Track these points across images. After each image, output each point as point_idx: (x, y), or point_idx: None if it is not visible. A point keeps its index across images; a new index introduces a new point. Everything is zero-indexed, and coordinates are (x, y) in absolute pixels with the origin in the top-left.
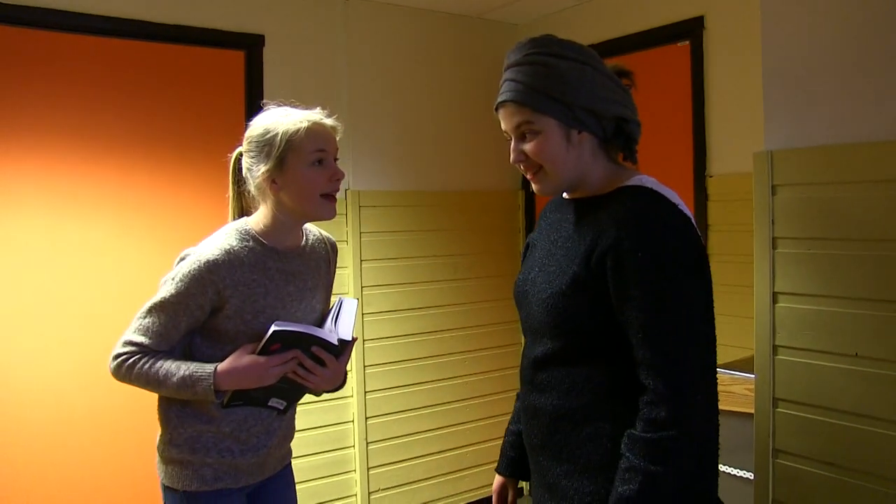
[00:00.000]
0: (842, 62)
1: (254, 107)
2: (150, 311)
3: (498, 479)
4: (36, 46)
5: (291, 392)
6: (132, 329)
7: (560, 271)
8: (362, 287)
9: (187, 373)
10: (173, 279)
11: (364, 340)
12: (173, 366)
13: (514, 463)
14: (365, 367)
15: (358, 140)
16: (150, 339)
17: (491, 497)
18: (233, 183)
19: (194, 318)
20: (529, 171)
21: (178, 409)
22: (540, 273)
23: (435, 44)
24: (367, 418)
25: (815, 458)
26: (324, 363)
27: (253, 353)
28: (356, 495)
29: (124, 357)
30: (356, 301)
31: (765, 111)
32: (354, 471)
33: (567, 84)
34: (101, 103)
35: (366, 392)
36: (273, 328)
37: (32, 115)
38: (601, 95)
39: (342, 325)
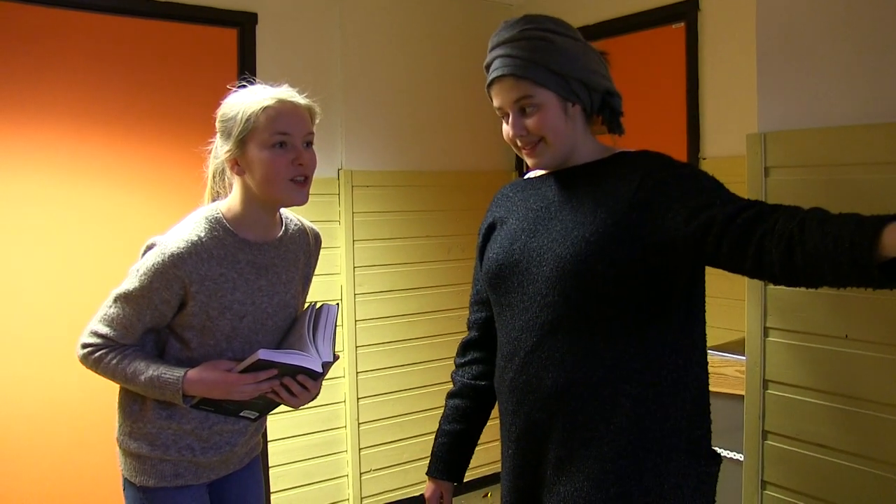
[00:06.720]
0: (837, 44)
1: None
2: (115, 301)
3: (431, 484)
4: (26, 21)
5: (265, 406)
6: (98, 317)
7: (572, 232)
8: (354, 267)
9: (155, 374)
10: (138, 271)
11: (356, 321)
12: (142, 364)
13: (451, 465)
14: (357, 347)
15: (351, 119)
16: (115, 330)
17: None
18: (212, 165)
19: (159, 313)
20: (528, 146)
21: (139, 403)
22: (533, 239)
23: (431, 23)
24: (358, 399)
25: (805, 439)
26: (307, 387)
27: (229, 370)
28: (348, 475)
29: (92, 349)
30: (337, 308)
31: (758, 92)
32: (346, 451)
33: (565, 57)
34: (92, 80)
35: (357, 372)
36: (258, 356)
37: (22, 90)
38: (593, 69)
39: (323, 342)
